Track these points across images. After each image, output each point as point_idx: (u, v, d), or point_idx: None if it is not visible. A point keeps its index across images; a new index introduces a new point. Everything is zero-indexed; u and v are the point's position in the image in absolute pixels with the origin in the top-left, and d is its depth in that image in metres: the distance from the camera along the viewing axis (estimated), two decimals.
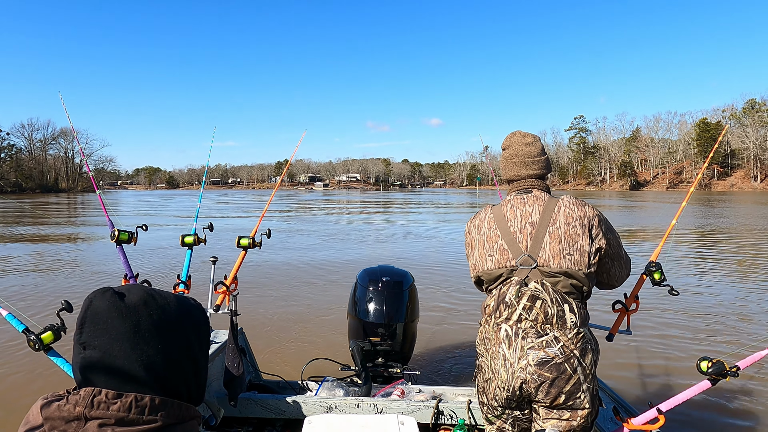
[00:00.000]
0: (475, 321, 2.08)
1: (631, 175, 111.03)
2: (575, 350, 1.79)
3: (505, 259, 1.91)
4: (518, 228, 1.93)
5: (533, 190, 2.03)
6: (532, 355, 1.79)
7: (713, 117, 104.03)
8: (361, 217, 28.16)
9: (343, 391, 2.98)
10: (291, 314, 6.90)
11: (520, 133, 2.15)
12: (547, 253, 1.86)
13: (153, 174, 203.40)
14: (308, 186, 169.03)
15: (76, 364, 0.86)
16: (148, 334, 0.87)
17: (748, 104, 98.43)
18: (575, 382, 1.78)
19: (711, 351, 5.37)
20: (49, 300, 7.72)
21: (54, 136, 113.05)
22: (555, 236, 1.87)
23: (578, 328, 1.82)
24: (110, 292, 0.88)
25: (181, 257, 3.14)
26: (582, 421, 1.82)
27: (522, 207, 1.97)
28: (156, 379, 0.86)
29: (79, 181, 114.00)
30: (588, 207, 1.94)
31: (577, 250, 1.85)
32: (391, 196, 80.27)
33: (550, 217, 1.90)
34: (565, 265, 1.84)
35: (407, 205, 45.08)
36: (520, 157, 2.08)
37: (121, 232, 2.81)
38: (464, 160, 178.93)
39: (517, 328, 1.83)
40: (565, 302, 1.83)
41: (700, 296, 7.92)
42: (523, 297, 1.84)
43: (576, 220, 1.88)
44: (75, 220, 25.85)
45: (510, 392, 1.84)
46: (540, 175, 2.08)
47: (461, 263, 10.76)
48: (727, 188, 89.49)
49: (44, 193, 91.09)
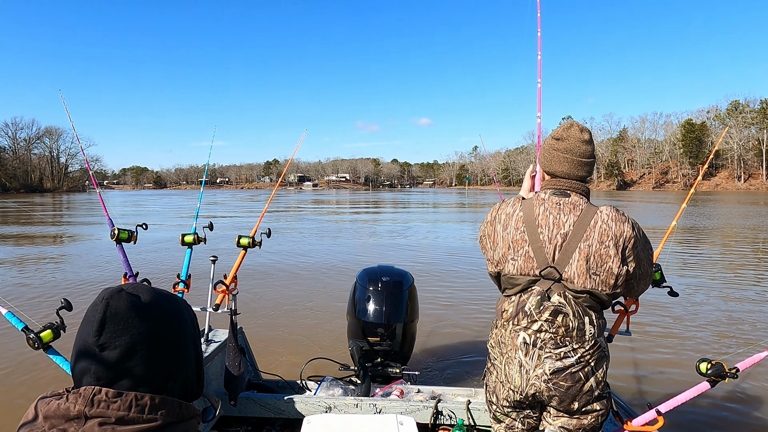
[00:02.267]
0: (476, 321, 2.08)
1: (618, 175, 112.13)
2: (591, 360, 1.78)
3: (529, 267, 1.82)
4: (548, 237, 1.81)
5: (572, 194, 1.87)
6: (549, 365, 1.76)
7: (698, 118, 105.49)
8: (356, 217, 28.08)
9: (342, 390, 2.98)
10: (291, 314, 6.88)
11: (578, 126, 1.94)
12: (573, 270, 1.77)
13: (140, 174, 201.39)
14: (297, 186, 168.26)
15: (87, 368, 0.85)
16: (163, 333, 0.88)
17: (732, 105, 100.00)
18: (588, 389, 1.78)
19: (710, 352, 5.39)
20: (47, 298, 7.62)
21: (38, 135, 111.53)
22: (584, 254, 1.76)
23: (596, 339, 1.80)
24: (125, 292, 0.88)
25: (175, 256, 3.11)
26: (593, 421, 1.84)
27: (557, 214, 1.82)
28: (171, 375, 0.88)
29: (64, 181, 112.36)
30: (627, 225, 1.80)
31: (605, 271, 1.76)
32: (381, 195, 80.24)
33: (584, 232, 1.78)
34: (590, 286, 1.77)
35: (397, 205, 45.08)
36: (575, 155, 1.89)
37: (121, 231, 2.79)
38: (453, 160, 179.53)
39: (535, 337, 1.79)
40: (586, 315, 1.79)
41: (699, 297, 7.93)
42: (546, 311, 1.78)
43: (610, 239, 1.76)
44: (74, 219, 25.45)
45: (522, 396, 1.83)
46: (584, 177, 1.92)
47: (461, 262, 10.78)
48: (712, 188, 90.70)
49: (29, 194, 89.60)
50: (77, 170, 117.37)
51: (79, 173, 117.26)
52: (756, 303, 7.63)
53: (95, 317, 0.85)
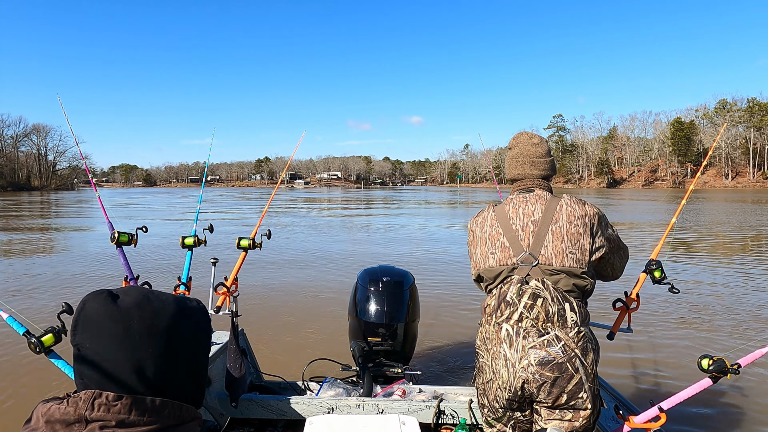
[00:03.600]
0: (477, 320, 2.08)
1: (608, 173, 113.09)
2: (576, 349, 1.79)
3: (506, 256, 1.91)
4: (520, 226, 1.93)
5: (535, 189, 2.03)
6: (534, 355, 1.78)
7: (687, 116, 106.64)
8: (354, 216, 27.99)
9: (344, 391, 2.97)
10: (292, 315, 6.86)
11: (527, 133, 2.15)
12: (549, 251, 1.86)
13: (129, 172, 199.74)
14: (289, 183, 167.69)
15: (77, 366, 0.86)
16: (138, 337, 0.86)
17: (720, 104, 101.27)
18: (577, 381, 1.78)
19: (712, 348, 5.41)
20: (47, 301, 7.54)
21: (26, 132, 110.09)
22: (558, 234, 1.87)
23: (579, 326, 1.82)
24: (104, 295, 0.87)
25: (175, 254, 3.09)
26: (584, 422, 1.82)
27: (524, 205, 1.97)
28: (147, 381, 0.86)
29: (52, 179, 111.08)
30: (588, 206, 1.96)
31: (579, 248, 1.86)
32: (373, 193, 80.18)
33: (552, 216, 1.91)
34: (567, 264, 1.84)
35: (389, 202, 45.07)
36: (525, 157, 2.08)
37: (121, 234, 2.77)
38: (445, 158, 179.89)
39: (518, 327, 1.83)
40: (565, 300, 1.83)
41: (700, 293, 7.95)
42: (525, 295, 1.84)
43: (578, 219, 1.90)
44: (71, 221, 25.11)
45: (511, 392, 1.83)
46: (544, 176, 2.08)
47: (460, 262, 10.81)
48: (700, 186, 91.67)
49: (16, 192, 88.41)
50: (65, 168, 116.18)
51: (68, 171, 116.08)
52: (757, 298, 7.68)
53: (72, 318, 0.87)
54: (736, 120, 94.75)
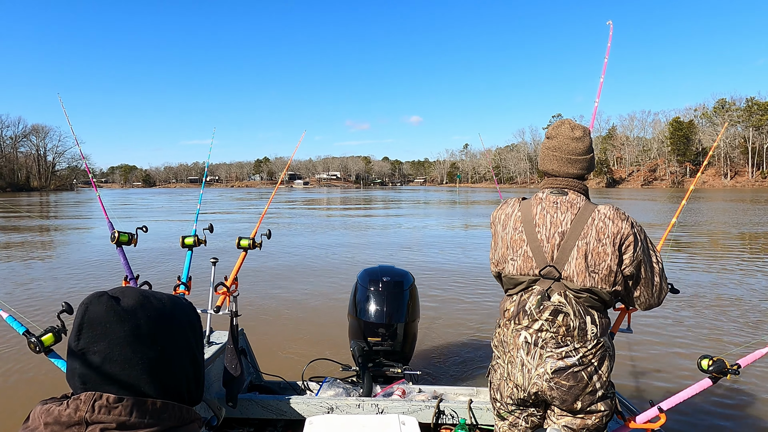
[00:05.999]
0: (476, 320, 2.09)
1: (607, 173, 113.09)
2: (594, 359, 1.77)
3: (528, 267, 1.82)
4: (546, 236, 1.80)
5: (569, 192, 1.86)
6: (550, 364, 1.76)
7: (685, 116, 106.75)
8: (354, 216, 27.98)
9: (344, 391, 2.97)
10: (292, 315, 6.86)
11: (570, 123, 1.92)
12: (572, 268, 1.76)
13: (129, 172, 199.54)
14: (288, 184, 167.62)
15: (74, 371, 0.85)
16: (147, 337, 0.86)
17: (719, 104, 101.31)
18: (591, 390, 1.77)
19: (712, 349, 5.41)
20: (48, 301, 7.53)
21: (25, 133, 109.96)
22: (582, 252, 1.75)
23: (598, 338, 1.78)
24: (106, 297, 0.87)
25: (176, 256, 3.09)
26: (597, 421, 1.83)
27: (554, 212, 1.82)
28: (158, 381, 0.86)
29: (52, 179, 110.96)
30: (625, 223, 1.77)
31: (603, 269, 1.75)
32: (372, 193, 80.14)
33: (581, 230, 1.76)
34: (589, 284, 1.75)
35: (389, 202, 45.07)
36: (564, 152, 1.87)
37: (121, 234, 2.78)
38: (444, 158, 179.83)
39: (537, 337, 1.79)
40: (587, 314, 1.77)
41: (700, 294, 7.94)
42: (546, 311, 1.78)
43: (608, 237, 1.74)
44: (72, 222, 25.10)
45: (526, 394, 1.84)
46: (580, 175, 1.90)
47: (460, 262, 10.78)
48: (699, 185, 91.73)
49: (16, 192, 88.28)
50: (64, 168, 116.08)
51: (67, 172, 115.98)
52: (758, 298, 7.68)
53: (75, 322, 0.86)
54: (735, 119, 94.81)
